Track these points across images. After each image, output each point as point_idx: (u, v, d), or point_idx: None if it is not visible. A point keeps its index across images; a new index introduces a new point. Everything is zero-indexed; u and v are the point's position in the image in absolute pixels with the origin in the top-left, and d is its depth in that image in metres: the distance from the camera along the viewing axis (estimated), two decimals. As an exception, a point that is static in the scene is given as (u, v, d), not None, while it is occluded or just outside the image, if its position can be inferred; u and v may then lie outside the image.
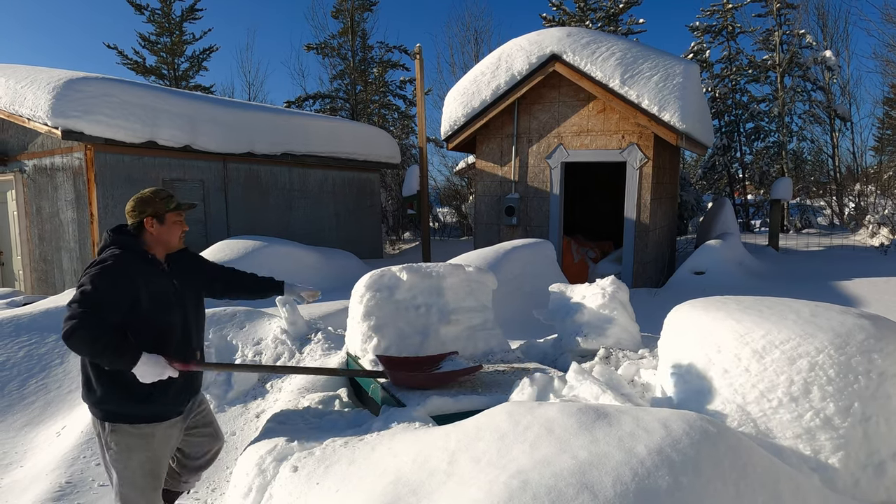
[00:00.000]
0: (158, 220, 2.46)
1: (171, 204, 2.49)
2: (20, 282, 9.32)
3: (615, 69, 8.28)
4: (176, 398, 2.52)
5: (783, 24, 18.72)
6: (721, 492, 1.58)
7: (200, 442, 2.82)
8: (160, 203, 2.47)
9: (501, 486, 1.51)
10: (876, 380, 2.16)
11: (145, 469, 2.45)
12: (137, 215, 2.45)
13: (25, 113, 7.62)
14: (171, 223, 2.50)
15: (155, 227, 2.46)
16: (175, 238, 2.52)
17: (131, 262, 2.38)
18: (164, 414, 2.47)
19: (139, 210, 2.45)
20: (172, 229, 2.50)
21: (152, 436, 2.45)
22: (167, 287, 2.49)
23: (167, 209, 2.47)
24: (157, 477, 2.52)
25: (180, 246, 2.57)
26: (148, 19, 20.05)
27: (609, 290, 3.84)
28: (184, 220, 2.57)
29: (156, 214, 2.45)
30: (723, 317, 2.47)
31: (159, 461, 2.50)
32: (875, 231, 13.98)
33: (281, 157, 10.23)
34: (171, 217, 2.49)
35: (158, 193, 2.51)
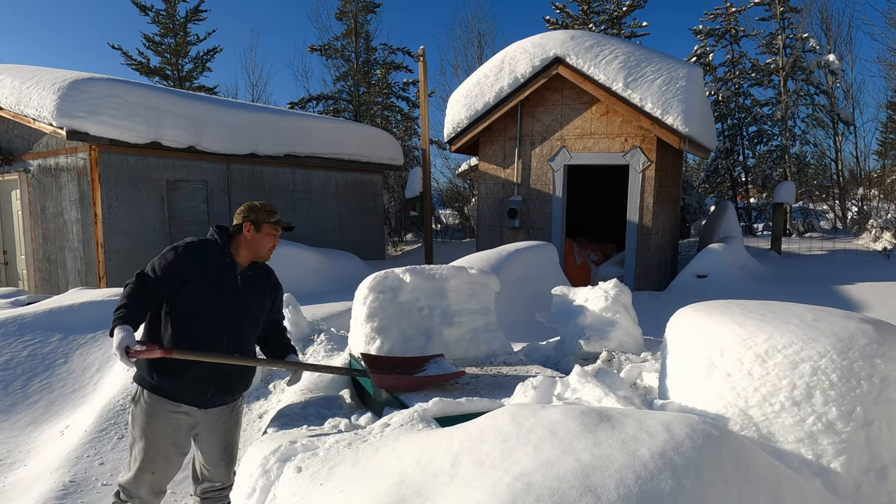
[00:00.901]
0: (256, 227, 2.71)
1: (271, 217, 2.74)
2: (24, 281, 9.36)
3: (618, 72, 8.29)
4: (193, 385, 2.63)
5: (786, 28, 18.73)
6: (723, 495, 1.59)
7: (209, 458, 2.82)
8: (263, 213, 2.73)
9: (505, 489, 1.52)
10: (878, 384, 2.16)
11: (140, 445, 2.64)
12: (242, 218, 2.73)
13: (31, 113, 7.66)
14: (266, 234, 2.73)
15: (251, 233, 2.71)
16: (265, 248, 2.75)
17: (198, 251, 2.65)
18: (173, 393, 2.62)
19: (244, 214, 2.73)
20: (265, 240, 2.73)
21: (156, 417, 2.61)
22: (226, 286, 2.67)
23: (267, 220, 2.72)
24: (151, 460, 2.64)
25: (267, 258, 2.78)
26: (152, 20, 20.13)
27: (612, 293, 3.85)
28: (278, 237, 2.80)
29: (256, 222, 2.71)
30: (726, 320, 2.47)
31: (155, 445, 2.63)
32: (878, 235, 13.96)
33: (284, 158, 10.25)
34: (267, 228, 2.73)
35: (266, 206, 2.77)
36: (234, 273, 2.70)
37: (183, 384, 2.62)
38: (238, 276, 2.70)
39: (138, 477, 2.66)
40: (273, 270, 2.94)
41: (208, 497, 2.88)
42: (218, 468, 2.84)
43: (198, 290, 2.60)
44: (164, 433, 2.64)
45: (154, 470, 2.66)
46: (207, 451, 2.81)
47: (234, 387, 2.79)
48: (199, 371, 2.62)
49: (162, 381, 2.60)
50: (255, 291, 2.77)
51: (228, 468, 2.88)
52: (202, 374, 2.63)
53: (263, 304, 2.84)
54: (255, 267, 2.77)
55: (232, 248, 2.72)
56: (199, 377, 2.63)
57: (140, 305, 2.55)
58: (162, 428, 2.63)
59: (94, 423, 4.24)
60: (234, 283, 2.69)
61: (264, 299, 2.84)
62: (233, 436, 2.88)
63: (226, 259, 2.68)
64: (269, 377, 4.56)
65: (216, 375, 2.67)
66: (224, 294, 2.65)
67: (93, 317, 5.76)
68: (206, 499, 2.88)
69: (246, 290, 2.72)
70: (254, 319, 2.81)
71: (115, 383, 4.72)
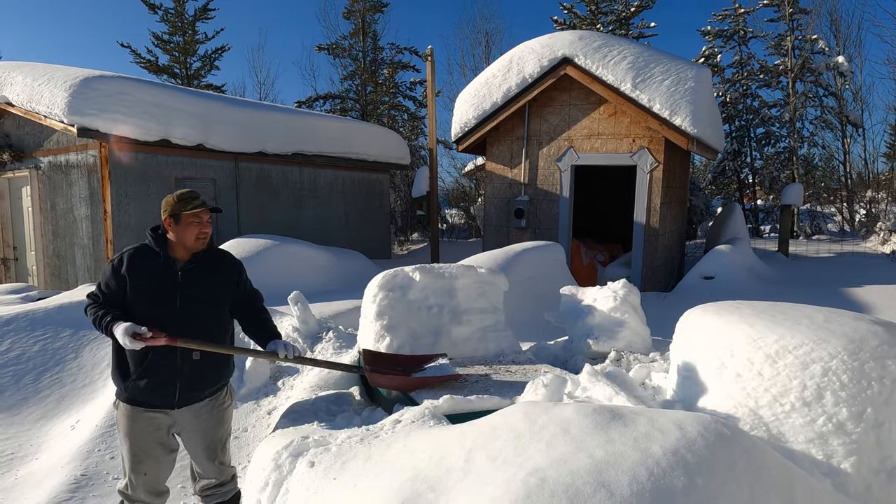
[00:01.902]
0: (175, 220, 2.61)
1: (187, 205, 2.61)
2: (34, 277, 9.43)
3: (627, 73, 8.29)
4: (158, 389, 2.60)
5: (795, 30, 18.64)
6: (736, 494, 1.60)
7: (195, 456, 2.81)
8: (177, 204, 2.61)
9: (519, 484, 1.53)
10: (889, 386, 2.17)
11: (126, 447, 2.66)
12: (161, 216, 2.65)
13: (42, 110, 7.72)
14: (186, 223, 2.61)
15: (172, 227, 2.61)
16: (190, 238, 2.62)
17: (132, 258, 2.64)
18: (142, 399, 2.62)
19: (161, 211, 2.65)
20: (187, 229, 2.61)
21: (134, 419, 2.64)
22: (167, 286, 2.61)
23: (183, 209, 2.60)
24: (140, 461, 2.65)
25: (199, 246, 2.66)
26: (161, 18, 20.21)
27: (620, 293, 3.86)
28: (205, 222, 2.65)
29: (173, 215, 2.60)
30: (736, 321, 2.48)
31: (139, 445, 2.65)
32: (886, 238, 13.89)
33: (292, 156, 10.29)
34: (186, 217, 2.61)
35: (180, 195, 2.64)
36: (173, 270, 2.63)
37: (148, 389, 2.59)
38: (178, 272, 2.63)
39: (132, 480, 2.66)
40: (227, 253, 2.88)
41: (208, 495, 2.85)
42: (206, 465, 2.80)
43: (140, 295, 2.58)
44: (146, 433, 2.64)
45: (145, 471, 2.65)
46: (193, 450, 2.79)
47: (200, 384, 2.70)
48: (161, 374, 2.59)
49: (129, 390, 2.61)
50: (204, 282, 2.68)
51: (218, 465, 2.83)
52: (165, 376, 2.60)
53: (219, 291, 2.75)
54: (198, 258, 2.68)
55: (169, 246, 2.66)
56: (163, 380, 2.60)
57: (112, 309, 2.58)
58: (143, 429, 2.63)
59: (105, 417, 4.28)
60: (175, 280, 2.62)
61: (219, 287, 2.75)
62: (216, 432, 2.81)
63: (160, 258, 2.62)
64: (279, 374, 4.58)
65: (179, 376, 2.63)
66: (167, 293, 2.60)
67: (103, 313, 5.79)
68: (206, 496, 2.86)
69: (191, 284, 2.65)
70: (211, 310, 2.73)
71: (125, 379, 4.75)
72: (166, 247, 2.65)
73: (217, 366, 2.77)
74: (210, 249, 2.74)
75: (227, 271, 2.79)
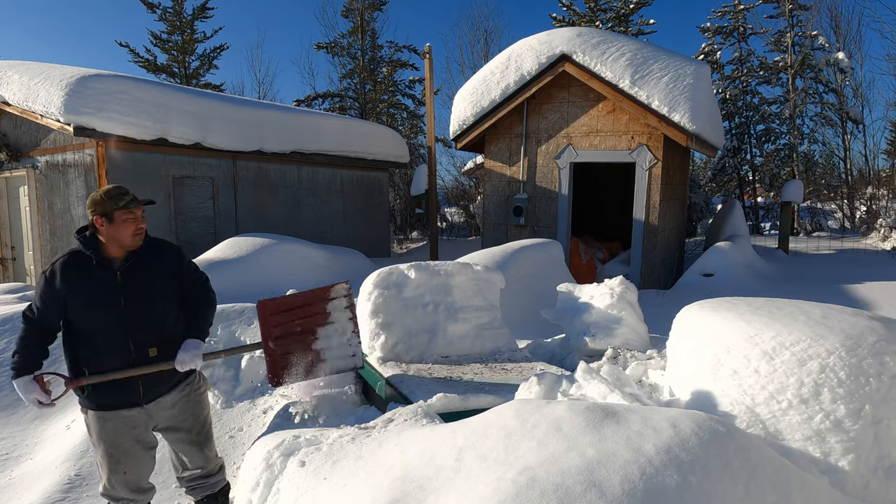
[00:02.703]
0: (107, 218, 2.48)
1: (119, 202, 2.49)
2: (31, 276, 9.41)
3: (625, 69, 8.25)
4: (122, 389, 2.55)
5: (795, 26, 18.58)
6: (730, 492, 1.57)
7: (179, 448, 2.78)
8: (108, 202, 2.48)
9: (509, 483, 1.51)
10: (887, 382, 2.14)
11: (101, 449, 2.59)
12: (91, 214, 2.51)
13: (38, 109, 7.69)
14: (121, 221, 2.49)
15: (105, 226, 2.49)
16: (127, 236, 2.52)
17: (66, 266, 2.49)
18: (109, 403, 2.55)
19: (90, 210, 2.51)
20: (122, 227, 2.50)
21: (105, 420, 2.57)
22: (105, 288, 2.51)
23: (115, 207, 2.48)
24: (117, 461, 2.59)
25: (136, 244, 2.55)
26: (160, 17, 20.17)
27: (618, 291, 3.83)
28: (139, 217, 2.55)
29: (104, 213, 2.48)
30: (733, 317, 2.45)
31: (115, 446, 2.58)
32: (887, 235, 13.85)
33: (290, 155, 10.26)
34: (119, 215, 2.49)
35: (109, 192, 2.52)
36: (111, 271, 2.52)
37: (112, 393, 2.53)
38: (116, 272, 2.53)
39: (111, 480, 2.60)
40: (165, 243, 2.73)
41: (195, 487, 2.82)
42: (192, 454, 2.76)
43: (79, 303, 2.47)
44: (121, 433, 2.57)
45: (124, 469, 2.59)
46: (176, 441, 2.74)
47: (163, 376, 2.63)
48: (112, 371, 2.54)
49: (92, 397, 2.53)
50: (146, 278, 2.58)
51: (202, 452, 2.78)
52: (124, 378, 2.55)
53: (164, 285, 2.64)
54: (135, 254, 2.56)
55: (102, 247, 2.53)
56: (123, 381, 2.54)
57: (36, 346, 2.50)
58: (116, 429, 2.56)
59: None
60: (114, 281, 2.52)
61: (163, 280, 2.64)
62: (197, 418, 2.75)
63: (93, 262, 2.51)
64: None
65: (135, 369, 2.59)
66: (107, 296, 2.50)
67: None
68: (193, 488, 2.82)
69: (132, 282, 2.54)
70: (157, 306, 2.62)
71: (120, 378, 4.73)
72: (99, 248, 2.52)
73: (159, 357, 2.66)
74: (146, 243, 2.62)
75: (166, 263, 2.67)
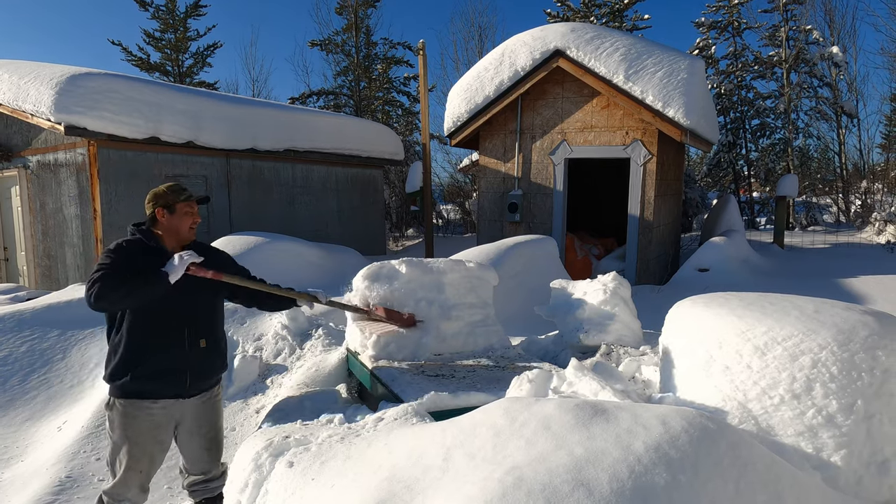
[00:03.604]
0: (169, 210, 2.65)
1: (181, 195, 2.68)
2: (24, 277, 9.36)
3: (619, 65, 8.22)
4: (173, 377, 2.63)
5: (790, 20, 18.57)
6: (720, 490, 1.55)
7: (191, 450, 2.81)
8: (171, 195, 2.67)
9: (496, 483, 1.49)
10: (880, 377, 2.13)
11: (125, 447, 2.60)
12: (151, 206, 2.67)
13: (29, 108, 7.63)
14: (182, 214, 2.67)
15: (165, 217, 2.65)
16: (185, 228, 2.69)
17: (131, 249, 2.58)
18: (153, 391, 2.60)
19: (152, 201, 2.67)
20: (183, 220, 2.67)
21: (135, 417, 2.59)
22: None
23: (178, 199, 2.66)
24: (137, 460, 2.61)
25: (191, 237, 2.74)
26: (152, 16, 20.04)
27: (611, 287, 3.81)
28: (196, 213, 2.73)
29: (166, 205, 2.65)
30: (724, 313, 2.44)
31: (139, 446, 2.61)
32: (882, 229, 13.87)
33: (284, 153, 10.21)
34: (181, 207, 2.66)
35: (171, 187, 2.71)
36: None
37: (162, 380, 2.61)
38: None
39: (127, 480, 2.63)
40: (209, 245, 2.94)
41: (195, 490, 2.86)
42: (202, 460, 2.83)
43: None
44: (146, 433, 2.62)
45: (141, 469, 2.65)
46: (191, 442, 2.79)
47: (211, 370, 2.78)
48: (171, 361, 2.62)
49: (138, 383, 2.57)
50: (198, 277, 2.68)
51: (213, 458, 2.86)
52: (175, 363, 2.63)
53: (217, 285, 2.77)
54: (189, 248, 2.71)
55: (160, 239, 2.66)
56: (173, 367, 2.63)
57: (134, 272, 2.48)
58: (143, 428, 2.61)
59: (92, 418, 4.23)
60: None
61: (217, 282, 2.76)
62: (215, 425, 2.86)
63: (156, 251, 2.61)
64: (267, 373, 4.54)
65: (188, 364, 2.67)
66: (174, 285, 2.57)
67: (91, 313, 5.74)
68: (195, 491, 2.87)
69: (188, 278, 2.62)
70: (211, 299, 2.78)
71: (112, 379, 4.70)
72: (158, 240, 2.66)
73: (220, 353, 2.85)
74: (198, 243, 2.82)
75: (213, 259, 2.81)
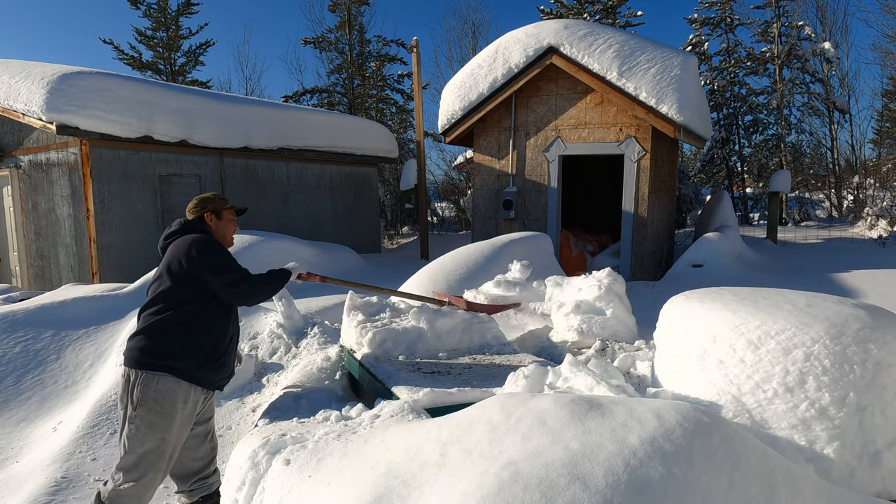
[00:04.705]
0: (217, 215, 2.84)
1: (227, 204, 2.90)
2: (17, 278, 9.30)
3: (613, 61, 8.23)
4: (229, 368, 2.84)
5: (782, 16, 18.64)
6: (714, 483, 1.57)
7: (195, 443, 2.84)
8: (219, 202, 2.86)
9: (492, 478, 1.49)
10: (871, 369, 2.15)
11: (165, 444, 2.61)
12: (199, 211, 2.83)
13: (20, 108, 7.58)
14: (227, 220, 2.88)
15: (213, 222, 2.84)
16: (230, 234, 2.90)
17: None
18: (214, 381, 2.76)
19: (201, 206, 2.84)
20: (229, 225, 2.89)
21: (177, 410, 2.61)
22: None
23: (224, 206, 2.86)
24: (171, 457, 2.67)
25: (232, 244, 2.94)
26: (144, 14, 19.91)
27: (605, 283, 3.82)
28: (236, 221, 2.94)
29: (215, 211, 2.84)
30: (718, 307, 2.45)
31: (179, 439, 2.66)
32: (873, 223, 13.95)
33: (278, 151, 10.19)
34: (227, 214, 2.87)
35: (217, 195, 2.93)
36: None
37: (227, 370, 2.80)
38: None
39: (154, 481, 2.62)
40: None
41: (193, 488, 2.87)
42: (200, 455, 2.88)
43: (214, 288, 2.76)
44: (184, 425, 2.68)
45: (166, 467, 2.69)
46: (195, 437, 2.83)
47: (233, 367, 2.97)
48: (233, 356, 2.85)
49: (209, 373, 2.69)
50: None
51: (210, 452, 2.93)
52: (233, 358, 2.86)
53: None
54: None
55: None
56: (231, 362, 2.84)
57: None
58: (183, 421, 2.66)
59: (87, 418, 4.22)
60: None
61: None
62: (210, 417, 2.97)
63: None
64: (263, 371, 4.53)
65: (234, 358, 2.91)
66: None
67: (85, 312, 5.72)
68: (192, 490, 2.87)
69: None
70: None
71: (107, 378, 4.69)
72: None
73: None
74: None
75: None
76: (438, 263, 5.61)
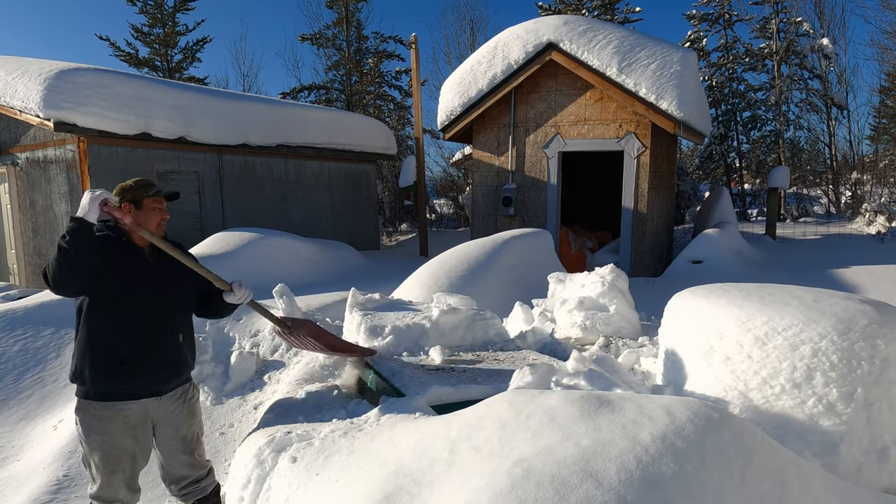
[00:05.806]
0: (136, 205, 2.56)
1: (149, 190, 2.59)
2: (15, 276, 9.26)
3: (612, 57, 8.22)
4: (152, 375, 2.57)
5: (780, 13, 18.64)
6: (726, 479, 1.56)
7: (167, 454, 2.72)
8: (138, 189, 2.58)
9: (504, 475, 1.48)
10: (879, 365, 2.15)
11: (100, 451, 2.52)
12: (118, 202, 2.55)
13: (17, 105, 7.53)
14: (149, 209, 2.57)
15: (132, 213, 2.55)
16: (153, 224, 2.58)
17: (102, 237, 2.50)
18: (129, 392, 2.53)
19: (119, 196, 2.57)
20: (150, 215, 2.58)
21: (110, 419, 2.50)
22: (141, 269, 2.56)
23: (145, 194, 2.57)
24: (118, 461, 2.53)
25: (160, 233, 2.62)
26: (140, 10, 19.81)
27: (609, 279, 3.82)
28: (164, 209, 2.63)
29: (133, 200, 2.56)
30: (724, 303, 2.45)
31: (117, 444, 2.53)
32: (872, 219, 13.99)
33: (276, 148, 10.15)
34: (148, 202, 2.58)
35: (139, 181, 2.63)
36: (143, 258, 2.58)
37: (140, 380, 2.54)
38: (148, 259, 2.59)
39: (111, 482, 2.54)
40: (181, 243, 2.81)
41: (187, 493, 2.77)
42: (181, 460, 2.73)
43: (116, 277, 2.48)
44: (122, 433, 2.53)
45: (123, 469, 2.56)
46: (168, 445, 2.70)
47: (183, 367, 2.71)
48: (153, 358, 2.56)
49: (113, 385, 2.49)
50: (174, 267, 2.64)
51: (192, 460, 2.76)
52: (156, 360, 2.57)
53: (189, 275, 2.70)
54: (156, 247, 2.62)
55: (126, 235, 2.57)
56: (154, 364, 2.57)
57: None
58: (118, 429, 2.52)
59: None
60: (148, 267, 2.58)
61: (186, 281, 2.71)
62: (190, 425, 2.76)
63: (125, 247, 2.55)
64: (264, 368, 4.52)
65: (167, 359, 2.61)
66: (143, 280, 2.54)
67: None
68: (185, 494, 2.77)
69: (163, 270, 2.60)
70: (184, 294, 2.73)
71: (108, 377, 4.67)
72: (125, 235, 2.56)
73: (192, 349, 2.78)
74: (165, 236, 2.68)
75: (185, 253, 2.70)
76: (440, 261, 5.59)
